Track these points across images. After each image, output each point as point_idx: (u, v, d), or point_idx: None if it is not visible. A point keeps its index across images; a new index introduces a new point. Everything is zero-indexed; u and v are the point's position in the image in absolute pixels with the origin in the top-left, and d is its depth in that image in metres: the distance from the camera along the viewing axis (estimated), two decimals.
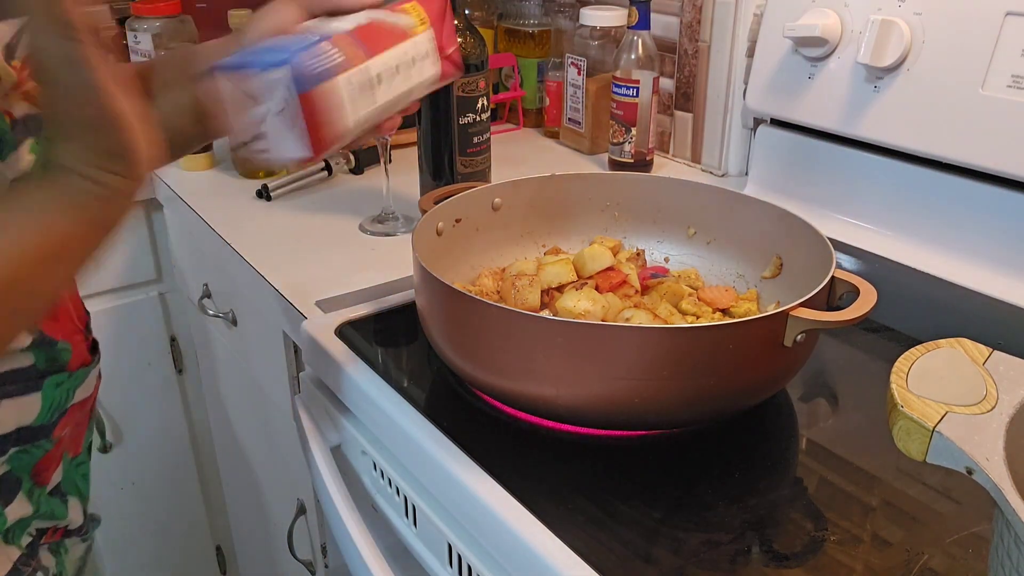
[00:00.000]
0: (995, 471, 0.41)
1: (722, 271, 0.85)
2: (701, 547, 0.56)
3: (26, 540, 0.66)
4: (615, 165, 1.24)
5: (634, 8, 1.16)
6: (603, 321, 0.70)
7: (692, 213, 0.87)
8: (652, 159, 1.25)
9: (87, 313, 0.72)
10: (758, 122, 1.15)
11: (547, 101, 1.42)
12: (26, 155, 0.58)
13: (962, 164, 0.90)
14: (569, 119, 1.35)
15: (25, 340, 0.61)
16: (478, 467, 0.63)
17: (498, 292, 0.79)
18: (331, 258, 1.00)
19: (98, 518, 0.77)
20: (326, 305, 0.89)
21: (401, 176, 1.15)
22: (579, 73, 1.30)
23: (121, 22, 1.55)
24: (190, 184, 1.24)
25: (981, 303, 0.88)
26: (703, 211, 0.86)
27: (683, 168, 1.27)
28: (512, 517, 0.59)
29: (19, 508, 0.64)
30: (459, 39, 0.98)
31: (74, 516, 0.71)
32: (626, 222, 0.89)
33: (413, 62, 0.65)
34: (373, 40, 0.60)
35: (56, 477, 0.68)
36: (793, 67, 1.04)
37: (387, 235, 1.05)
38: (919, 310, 0.89)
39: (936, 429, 0.43)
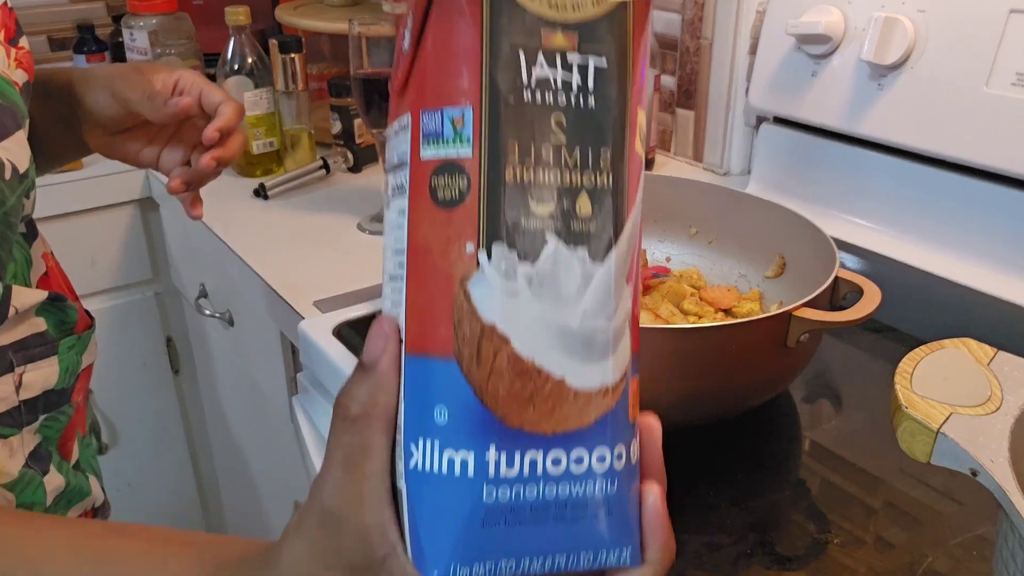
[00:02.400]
0: (1000, 473, 0.41)
1: (724, 271, 0.84)
2: (703, 549, 0.56)
3: None
4: None
5: None
6: None
7: (694, 212, 0.86)
8: (654, 158, 1.24)
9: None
10: (760, 120, 1.15)
11: None
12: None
13: (966, 163, 0.90)
14: None
15: (39, 296, 0.62)
16: None
17: None
18: (329, 257, 0.99)
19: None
20: (324, 305, 0.88)
21: None
22: None
23: (117, 19, 1.55)
24: None
25: (986, 303, 0.88)
26: (705, 210, 0.85)
27: (685, 167, 1.27)
28: None
29: (54, 479, 0.65)
30: None
31: (96, 493, 0.73)
32: None
33: None
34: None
35: (75, 453, 0.70)
36: (796, 65, 1.03)
37: None
38: (923, 310, 0.88)
39: (940, 430, 0.43)
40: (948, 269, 0.92)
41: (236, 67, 1.18)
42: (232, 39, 1.17)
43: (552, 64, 0.27)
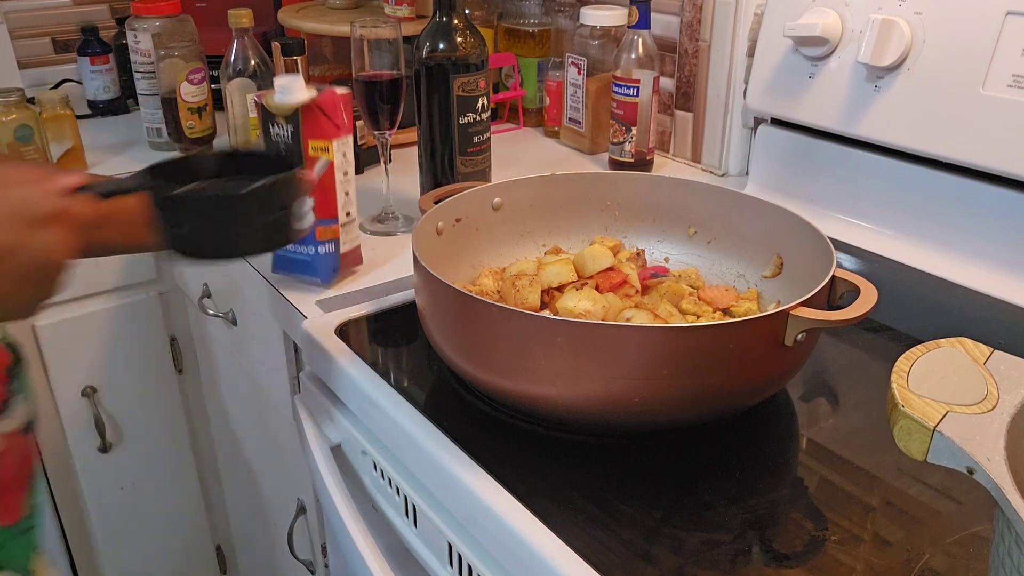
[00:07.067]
0: (996, 471, 0.41)
1: (722, 270, 0.85)
2: (701, 547, 0.56)
3: None
4: (615, 165, 1.24)
5: (634, 7, 1.16)
6: (603, 321, 0.70)
7: (692, 213, 0.86)
8: (652, 159, 1.24)
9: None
10: (758, 121, 1.15)
11: (547, 101, 1.42)
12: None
13: (963, 164, 0.90)
14: (569, 119, 1.35)
15: None
16: (478, 467, 0.63)
17: (498, 292, 0.79)
18: None
19: None
20: (326, 305, 0.89)
21: (401, 176, 1.15)
22: (579, 73, 1.30)
23: (120, 22, 1.55)
24: None
25: (982, 303, 0.88)
26: (703, 211, 0.86)
27: (683, 168, 1.27)
28: (512, 517, 0.59)
29: None
30: (459, 39, 0.99)
31: None
32: (626, 222, 0.89)
33: None
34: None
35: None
36: (793, 66, 1.04)
37: (387, 235, 1.05)
38: (920, 310, 0.89)
39: (937, 429, 0.43)
40: (944, 269, 0.93)
41: (239, 69, 1.18)
42: (235, 41, 1.18)
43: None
